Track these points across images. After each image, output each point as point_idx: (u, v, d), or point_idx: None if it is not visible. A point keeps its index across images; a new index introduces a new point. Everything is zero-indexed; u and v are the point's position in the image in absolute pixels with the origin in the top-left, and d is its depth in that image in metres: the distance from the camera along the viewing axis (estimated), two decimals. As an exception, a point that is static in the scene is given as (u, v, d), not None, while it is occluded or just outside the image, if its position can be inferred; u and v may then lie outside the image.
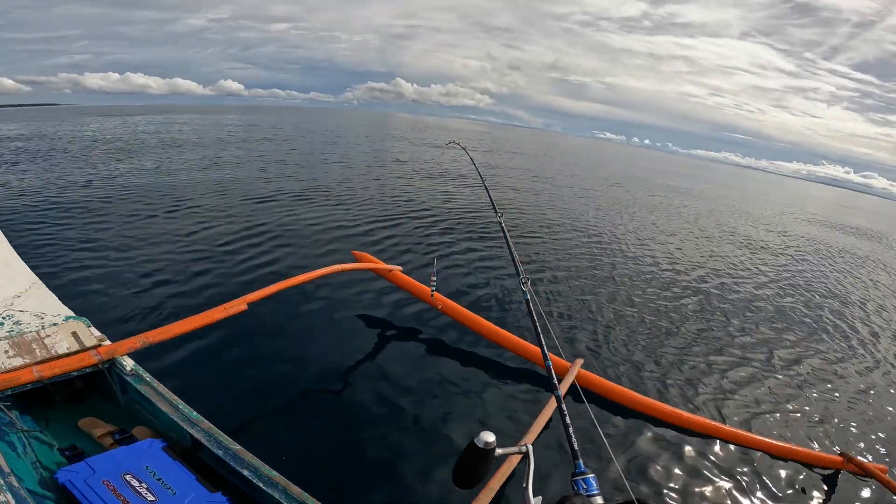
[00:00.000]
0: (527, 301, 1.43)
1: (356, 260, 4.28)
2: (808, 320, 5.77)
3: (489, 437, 0.77)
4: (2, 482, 1.48)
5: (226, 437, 1.84)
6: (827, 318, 5.99)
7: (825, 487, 2.81)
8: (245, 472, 1.69)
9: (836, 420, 3.61)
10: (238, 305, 2.61)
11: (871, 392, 4.15)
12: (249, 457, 1.74)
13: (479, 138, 29.79)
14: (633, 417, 3.21)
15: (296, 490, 1.63)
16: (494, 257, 6.28)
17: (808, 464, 2.91)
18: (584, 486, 0.70)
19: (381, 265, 4.13)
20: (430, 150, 19.22)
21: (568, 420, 1.02)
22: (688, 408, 3.41)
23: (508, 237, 1.83)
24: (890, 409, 3.90)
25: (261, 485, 1.65)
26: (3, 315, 2.39)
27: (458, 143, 4.02)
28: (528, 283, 1.45)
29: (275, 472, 1.69)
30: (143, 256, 4.98)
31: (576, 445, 0.91)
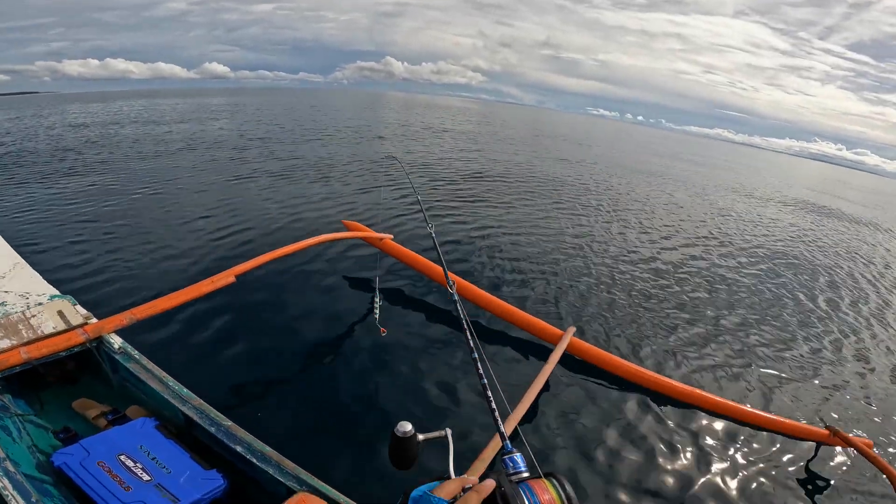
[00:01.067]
0: (455, 302, 1.40)
1: (346, 229, 4.20)
2: (803, 296, 5.73)
3: (406, 426, 0.82)
4: None
5: (217, 413, 1.79)
6: (821, 294, 5.94)
7: (810, 459, 2.83)
8: (238, 448, 1.66)
9: (825, 394, 3.61)
10: (226, 278, 2.53)
11: (865, 369, 4.12)
12: (241, 433, 1.71)
13: (468, 116, 29.20)
14: (623, 386, 3.20)
15: (289, 465, 1.61)
16: (496, 224, 6.22)
17: (795, 436, 2.93)
18: (511, 465, 0.73)
19: (372, 234, 4.05)
20: (422, 130, 18.85)
21: (490, 394, 0.96)
22: (678, 377, 3.41)
23: (438, 245, 1.88)
24: (880, 386, 3.88)
25: (254, 460, 1.62)
26: (-12, 297, 2.30)
27: (395, 158, 4.12)
28: (455, 287, 1.41)
29: (268, 448, 1.66)
30: (129, 233, 4.85)
31: (502, 427, 0.89)
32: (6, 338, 2.00)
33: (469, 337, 1.16)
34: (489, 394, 0.97)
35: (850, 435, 2.73)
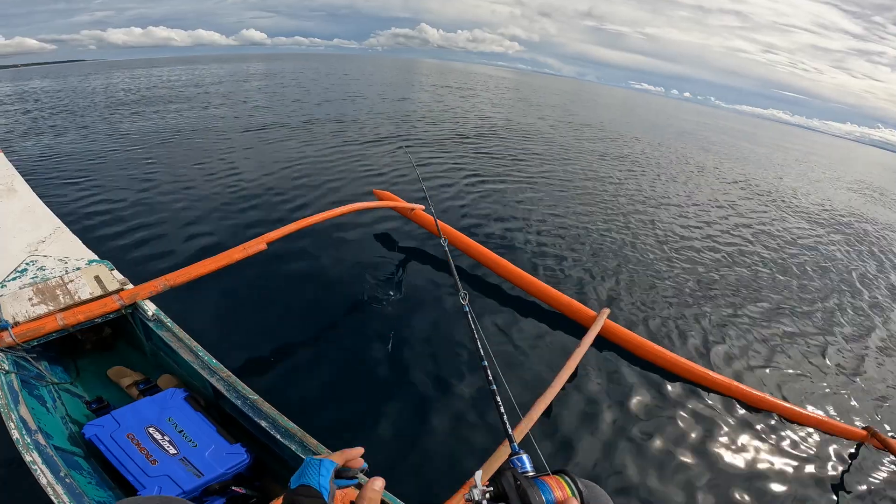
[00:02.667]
0: (465, 314, 1.32)
1: (377, 198, 4.10)
2: (850, 290, 5.20)
3: None
4: (28, 441, 1.42)
5: (244, 386, 1.76)
6: (874, 289, 5.38)
7: (846, 459, 2.65)
8: (263, 423, 1.62)
9: (866, 394, 3.32)
10: (257, 245, 2.50)
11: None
12: (267, 407, 1.67)
13: (501, 85, 28.01)
14: (657, 372, 3.03)
15: (312, 442, 1.56)
16: (527, 201, 5.96)
17: (832, 434, 2.76)
18: (519, 465, 0.77)
19: (403, 204, 3.95)
20: (453, 97, 18.25)
21: (499, 399, 0.97)
22: (713, 367, 3.20)
23: (451, 258, 1.74)
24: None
25: (278, 436, 1.58)
26: (28, 261, 2.32)
27: (404, 147, 3.74)
28: (468, 298, 1.35)
29: (292, 424, 1.62)
30: (166, 200, 4.86)
31: (510, 430, 0.90)
32: (43, 303, 2.00)
33: (479, 346, 1.14)
34: (498, 399, 0.97)
35: (889, 437, 2.59)
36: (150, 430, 1.57)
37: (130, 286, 2.19)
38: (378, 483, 0.71)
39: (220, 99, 12.64)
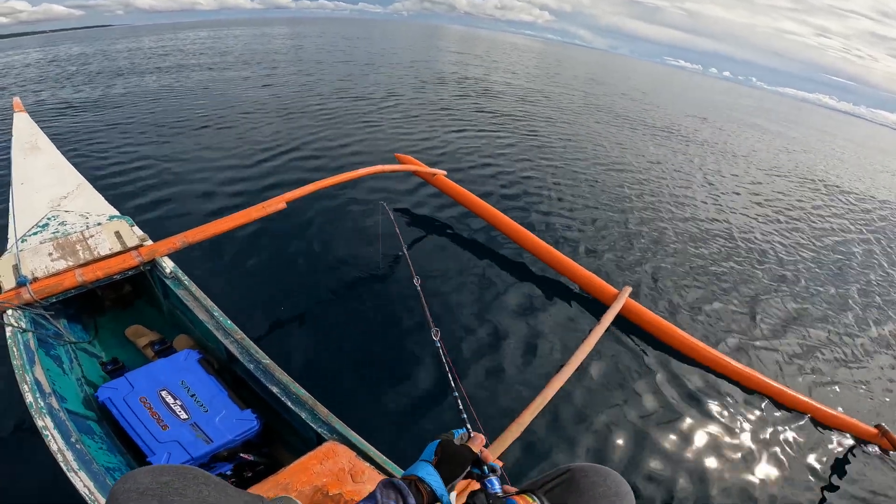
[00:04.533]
0: (439, 350, 1.23)
1: (399, 162, 3.96)
2: (883, 288, 4.81)
3: None
4: (42, 404, 1.38)
5: (258, 350, 1.69)
6: None
7: (853, 456, 2.52)
8: (274, 389, 1.56)
9: (882, 392, 3.12)
10: (277, 204, 2.42)
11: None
12: (279, 372, 1.61)
13: (525, 58, 26.75)
14: (675, 356, 2.89)
15: (323, 411, 1.50)
16: (553, 174, 5.71)
17: (842, 430, 2.61)
18: (489, 486, 0.83)
19: (425, 168, 3.81)
20: (477, 65, 17.56)
21: (468, 427, 0.95)
22: (730, 353, 3.03)
23: (424, 298, 1.60)
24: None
25: (288, 403, 1.52)
26: (50, 216, 2.28)
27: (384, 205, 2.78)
28: (439, 335, 1.27)
29: (303, 391, 1.56)
30: (188, 159, 4.80)
31: (479, 454, 0.89)
32: (62, 258, 1.96)
33: (451, 380, 1.13)
34: (468, 427, 0.96)
35: None
36: (163, 393, 1.53)
37: (150, 242, 2.13)
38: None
39: (243, 61, 12.46)
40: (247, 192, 4.09)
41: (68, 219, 2.29)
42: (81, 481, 1.20)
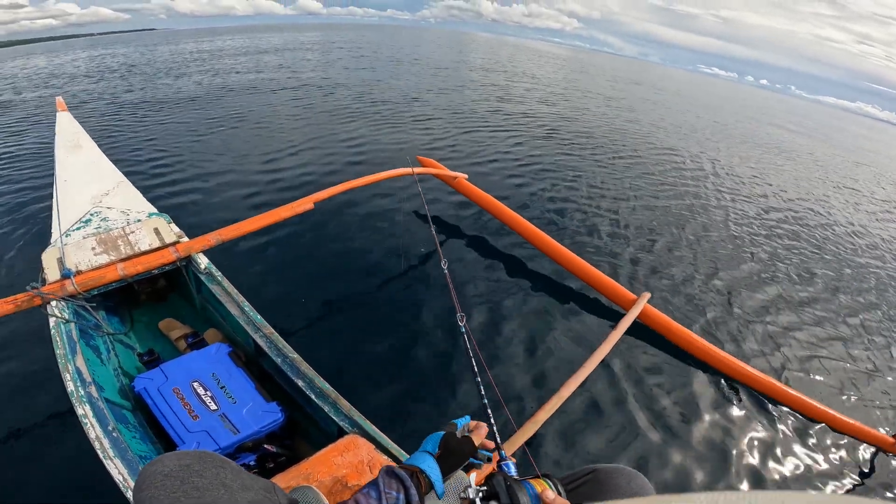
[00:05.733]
0: (464, 336, 1.25)
1: (421, 165, 4.02)
2: None
3: None
4: (82, 393, 1.43)
5: (285, 344, 1.74)
6: None
7: (867, 464, 2.43)
8: (300, 383, 1.61)
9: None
10: (305, 204, 2.47)
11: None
12: (305, 366, 1.66)
13: (551, 63, 26.51)
14: (693, 363, 2.83)
15: (345, 405, 1.54)
16: (577, 177, 5.67)
17: (856, 437, 2.53)
18: (506, 469, 0.87)
19: (447, 171, 3.82)
20: (501, 72, 17.54)
21: (493, 420, 1.01)
22: (749, 361, 2.93)
23: (450, 280, 1.58)
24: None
25: (312, 396, 1.57)
26: (93, 212, 2.38)
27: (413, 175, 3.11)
28: (465, 320, 1.28)
29: (327, 385, 1.60)
30: (221, 160, 4.96)
31: (497, 438, 0.97)
32: (105, 253, 2.04)
33: (475, 364, 1.16)
34: (490, 412, 1.05)
35: None
36: (195, 384, 1.58)
37: (186, 239, 2.21)
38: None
39: (276, 65, 12.81)
40: (277, 192, 4.21)
41: (110, 215, 2.38)
42: (116, 469, 1.24)
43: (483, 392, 1.11)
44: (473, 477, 0.82)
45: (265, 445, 1.50)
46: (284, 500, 0.88)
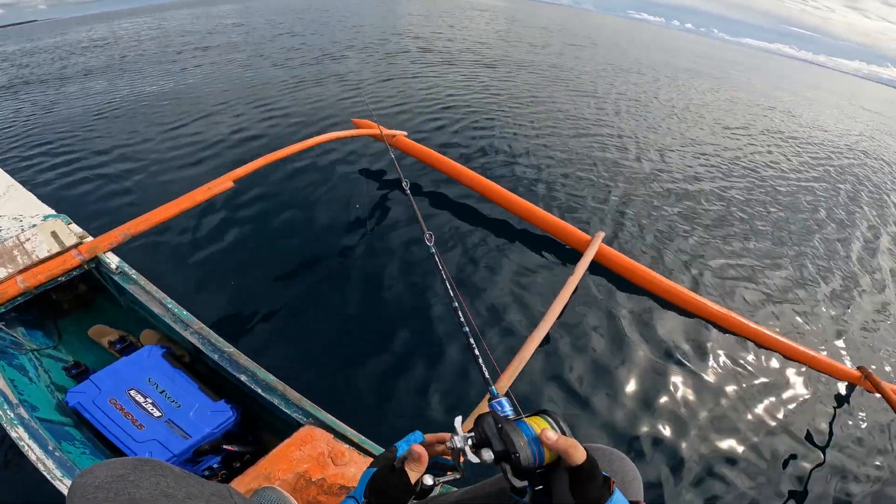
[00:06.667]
0: (434, 255, 1.22)
1: (356, 127, 3.69)
2: (852, 225, 4.82)
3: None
4: (11, 416, 1.30)
5: (219, 339, 1.60)
6: (881, 228, 5.00)
7: (836, 399, 2.52)
8: (242, 377, 1.49)
9: (864, 333, 3.12)
10: (223, 183, 2.20)
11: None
12: (245, 360, 1.54)
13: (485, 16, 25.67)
14: (651, 300, 2.84)
15: (294, 395, 1.45)
16: (520, 136, 5.45)
17: (824, 372, 2.61)
18: (499, 408, 0.72)
19: (384, 130, 3.55)
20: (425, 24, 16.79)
21: (477, 351, 0.92)
22: (709, 297, 2.99)
23: (413, 200, 1.58)
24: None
25: (259, 390, 1.46)
26: (-19, 224, 2.08)
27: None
28: (433, 240, 1.26)
29: (271, 377, 1.49)
30: (121, 142, 4.37)
31: (486, 373, 0.86)
32: (1, 266, 1.78)
33: (449, 287, 1.07)
34: (471, 341, 0.93)
35: (882, 381, 2.39)
36: (132, 392, 1.42)
37: (90, 239, 1.95)
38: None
39: (182, 44, 11.60)
40: (189, 175, 3.74)
41: (1, 224, 2.08)
42: (66, 487, 1.14)
43: (463, 318, 1.00)
44: (459, 420, 0.70)
45: (225, 446, 1.35)
46: (242, 503, 0.78)
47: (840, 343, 2.98)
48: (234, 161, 3.90)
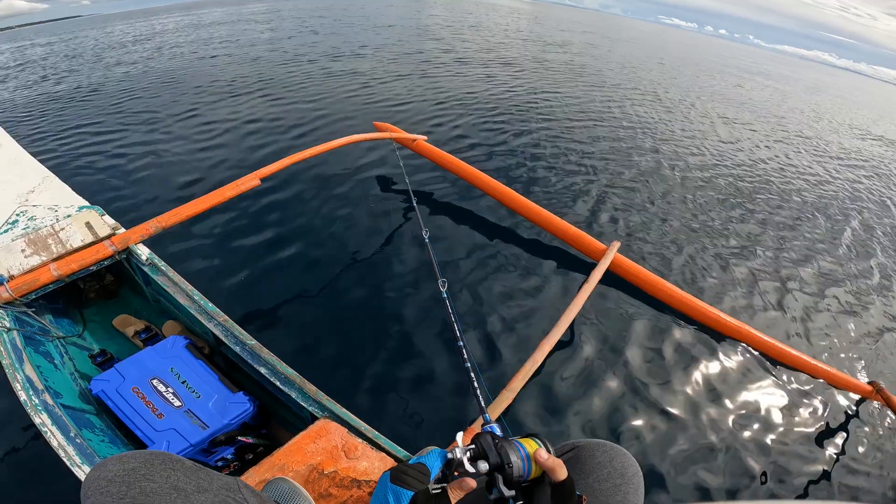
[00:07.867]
0: (445, 300, 1.22)
1: (377, 130, 3.77)
2: (880, 244, 4.67)
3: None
4: (36, 402, 1.34)
5: (242, 331, 1.63)
6: None
7: (847, 413, 2.46)
8: (262, 370, 1.51)
9: (879, 348, 3.05)
10: (250, 181, 2.27)
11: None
12: (266, 353, 1.56)
13: (506, 21, 25.55)
14: (667, 312, 2.81)
15: (312, 389, 1.47)
16: (539, 141, 5.44)
17: (837, 386, 2.55)
18: (492, 431, 0.79)
19: (405, 134, 3.63)
20: (450, 28, 16.81)
21: (472, 375, 0.98)
22: (725, 309, 2.95)
23: (430, 249, 1.56)
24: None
25: (277, 383, 1.48)
26: (18, 212, 2.16)
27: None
28: (446, 286, 1.26)
29: (290, 370, 1.51)
30: (155, 141, 4.52)
31: (482, 402, 0.91)
32: (36, 254, 1.86)
33: (455, 328, 1.12)
34: (472, 375, 0.98)
35: (894, 396, 2.33)
36: (154, 381, 1.46)
37: (123, 230, 2.02)
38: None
39: (218, 41, 11.92)
40: (220, 172, 3.86)
41: (37, 213, 2.16)
42: (84, 475, 1.15)
43: (466, 356, 1.04)
44: (461, 436, 0.76)
45: (239, 437, 1.39)
46: (251, 496, 0.80)
47: (853, 356, 2.93)
48: (263, 160, 4.02)
